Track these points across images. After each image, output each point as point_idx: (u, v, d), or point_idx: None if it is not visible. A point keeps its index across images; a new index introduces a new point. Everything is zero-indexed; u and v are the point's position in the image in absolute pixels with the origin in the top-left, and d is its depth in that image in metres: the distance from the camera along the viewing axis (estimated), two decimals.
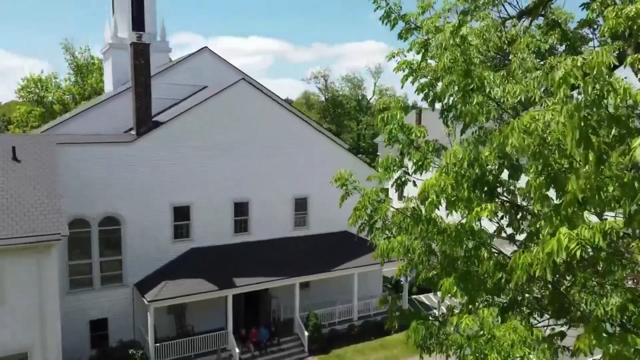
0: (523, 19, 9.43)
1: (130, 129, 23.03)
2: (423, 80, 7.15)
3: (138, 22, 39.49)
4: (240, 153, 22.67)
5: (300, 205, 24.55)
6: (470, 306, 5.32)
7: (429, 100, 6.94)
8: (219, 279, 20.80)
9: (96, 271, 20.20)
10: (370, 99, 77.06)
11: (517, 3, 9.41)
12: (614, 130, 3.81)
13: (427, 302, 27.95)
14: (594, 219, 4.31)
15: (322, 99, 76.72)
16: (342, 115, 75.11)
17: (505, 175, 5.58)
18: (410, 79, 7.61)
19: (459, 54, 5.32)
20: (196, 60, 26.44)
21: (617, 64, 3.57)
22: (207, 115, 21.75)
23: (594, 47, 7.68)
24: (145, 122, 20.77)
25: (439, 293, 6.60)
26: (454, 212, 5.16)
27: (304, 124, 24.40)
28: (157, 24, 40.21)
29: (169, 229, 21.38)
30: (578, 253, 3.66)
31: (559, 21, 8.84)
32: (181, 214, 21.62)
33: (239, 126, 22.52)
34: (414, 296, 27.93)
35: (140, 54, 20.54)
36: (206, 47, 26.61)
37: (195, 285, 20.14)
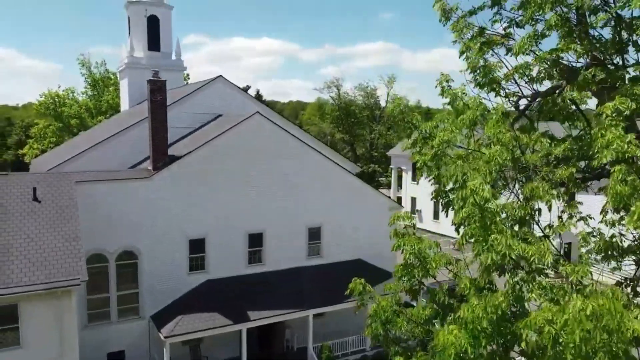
0: (538, 99, 9.50)
1: (146, 158, 23.43)
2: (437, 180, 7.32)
3: (153, 42, 40.20)
4: (254, 184, 22.90)
5: (314, 234, 24.72)
6: None
7: (442, 203, 7.08)
8: (234, 311, 21.04)
9: (113, 304, 20.59)
10: (384, 107, 76.95)
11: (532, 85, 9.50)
12: None
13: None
14: None
15: (333, 103, 76.54)
16: (355, 124, 75.14)
17: None
18: (425, 174, 7.83)
19: (477, 211, 5.42)
20: (211, 88, 26.77)
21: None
22: (222, 148, 22.02)
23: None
24: (161, 157, 21.09)
25: None
26: None
27: (317, 154, 24.52)
28: (172, 43, 40.82)
29: (184, 261, 21.69)
30: None
31: (576, 101, 8.89)
32: (196, 246, 21.92)
33: (253, 158, 22.75)
34: None
35: (158, 91, 20.84)
36: (220, 75, 26.95)
37: (210, 320, 20.40)
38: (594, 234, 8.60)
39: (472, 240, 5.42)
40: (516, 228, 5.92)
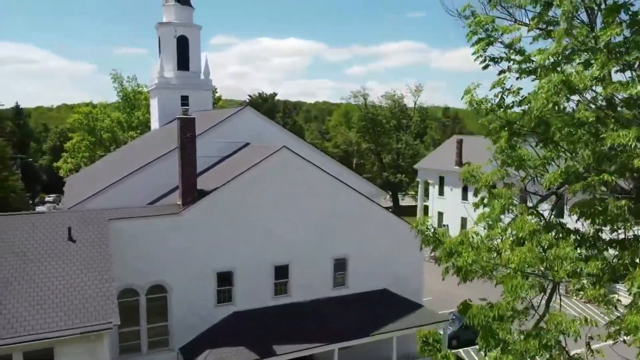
0: (565, 186, 9.41)
1: (175, 188, 23.94)
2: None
3: (183, 62, 41.04)
4: (281, 217, 23.14)
5: (340, 265, 24.84)
6: None
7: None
8: (260, 345, 21.30)
9: (144, 337, 21.11)
10: (411, 117, 76.39)
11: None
12: None
13: (466, 358, 27.74)
14: None
15: (360, 110, 76.20)
16: (382, 134, 74.78)
17: None
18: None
19: None
20: (238, 118, 27.20)
21: None
22: (249, 183, 22.32)
23: None
24: (191, 192, 21.52)
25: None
26: None
27: (342, 185, 24.60)
28: (200, 62, 41.55)
29: (212, 294, 22.09)
30: None
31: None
32: (224, 279, 22.29)
33: (279, 191, 23.00)
34: (453, 350, 27.76)
35: (187, 128, 21.26)
36: (248, 105, 27.45)
37: (237, 354, 20.68)
38: (621, 317, 8.50)
39: None
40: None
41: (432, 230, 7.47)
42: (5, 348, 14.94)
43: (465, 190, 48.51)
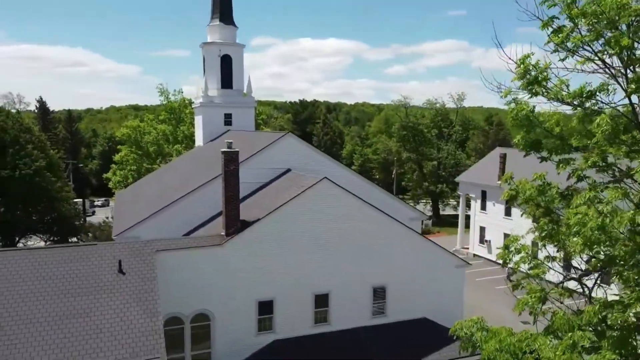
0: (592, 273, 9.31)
1: (219, 213, 24.63)
2: None
3: (226, 80, 42.06)
4: (321, 246, 23.45)
5: (379, 294, 24.93)
6: None
7: None
8: None
9: None
10: (453, 126, 75.34)
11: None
12: None
13: None
14: None
15: (401, 120, 75.79)
16: (423, 143, 74.05)
17: None
18: None
19: None
20: (280, 144, 27.65)
21: None
22: (291, 214, 22.73)
23: None
24: (234, 223, 22.12)
25: None
26: None
27: (382, 215, 24.67)
28: (243, 81, 42.49)
29: (253, 322, 22.63)
30: None
31: None
32: (265, 308, 22.80)
33: (319, 220, 23.30)
34: None
35: (231, 161, 21.86)
36: (290, 132, 27.79)
37: None
38: None
39: None
40: None
41: (471, 335, 7.55)
42: None
43: (508, 206, 47.50)
